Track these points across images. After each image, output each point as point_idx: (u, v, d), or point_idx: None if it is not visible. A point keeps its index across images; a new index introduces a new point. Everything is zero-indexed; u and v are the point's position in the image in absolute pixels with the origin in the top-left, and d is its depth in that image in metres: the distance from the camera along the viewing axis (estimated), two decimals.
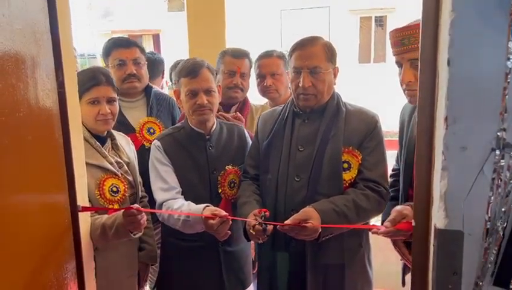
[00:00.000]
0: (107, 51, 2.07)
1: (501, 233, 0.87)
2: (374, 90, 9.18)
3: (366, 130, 1.57)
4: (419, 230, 1.02)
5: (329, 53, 1.57)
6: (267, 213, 1.50)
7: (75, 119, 1.26)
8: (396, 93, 1.61)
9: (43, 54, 1.11)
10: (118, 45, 2.05)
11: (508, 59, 0.81)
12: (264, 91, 2.13)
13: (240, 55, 2.11)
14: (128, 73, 2.00)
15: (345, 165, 1.55)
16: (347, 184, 1.56)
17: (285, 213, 1.55)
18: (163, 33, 13.55)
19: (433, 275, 0.94)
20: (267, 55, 2.13)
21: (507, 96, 0.82)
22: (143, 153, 1.89)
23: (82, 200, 1.29)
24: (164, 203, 1.66)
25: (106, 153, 1.63)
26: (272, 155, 1.62)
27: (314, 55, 1.53)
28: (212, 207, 1.56)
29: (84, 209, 1.31)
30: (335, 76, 1.62)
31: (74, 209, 1.24)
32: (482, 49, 0.82)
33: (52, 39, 1.15)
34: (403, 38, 1.40)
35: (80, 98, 1.56)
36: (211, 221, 1.48)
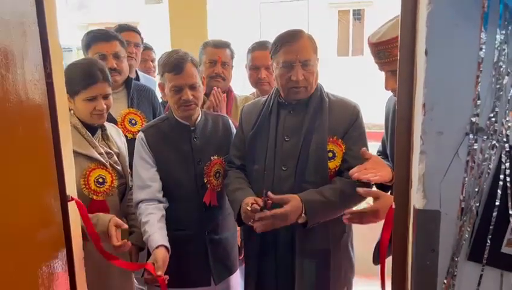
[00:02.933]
0: (87, 44, 2.05)
1: (475, 212, 0.93)
2: (352, 82, 9.32)
3: (349, 120, 1.63)
4: (399, 211, 1.08)
5: (314, 46, 1.62)
6: (269, 195, 1.52)
7: (63, 110, 1.27)
8: (375, 86, 1.68)
9: (31, 45, 1.12)
10: (98, 39, 2.03)
11: (481, 49, 0.87)
12: (257, 83, 2.17)
13: (220, 45, 2.15)
14: (109, 67, 2.00)
15: (330, 155, 1.61)
16: (332, 172, 1.62)
17: (273, 204, 1.58)
18: (141, 25, 13.40)
19: (412, 253, 1.00)
20: (261, 48, 2.15)
21: (480, 84, 0.88)
22: (126, 145, 1.91)
23: (71, 190, 1.30)
24: (139, 205, 1.69)
25: (96, 143, 1.64)
26: (258, 146, 1.66)
27: (304, 48, 1.56)
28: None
29: (74, 199, 1.32)
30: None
31: (64, 200, 1.26)
32: (457, 40, 0.88)
33: (39, 31, 1.16)
34: (379, 52, 1.43)
35: (76, 93, 1.57)
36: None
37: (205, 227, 1.74)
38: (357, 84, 8.92)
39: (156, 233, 1.59)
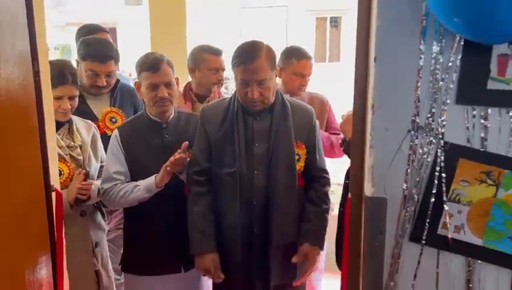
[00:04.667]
0: (83, 57, 2.09)
1: (416, 199, 1.08)
2: (329, 88, 9.52)
3: (310, 125, 1.76)
4: (354, 200, 1.21)
5: (271, 61, 1.67)
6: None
7: (49, 106, 1.36)
8: (351, 91, 1.79)
9: (21, 45, 1.21)
10: (94, 58, 2.06)
11: (420, 58, 1.01)
12: (299, 88, 2.33)
13: (218, 52, 2.28)
14: (99, 85, 2.08)
15: (296, 157, 1.71)
16: (298, 173, 1.72)
17: (246, 204, 1.69)
18: (120, 26, 13.32)
19: (363, 236, 1.14)
20: (307, 57, 2.31)
21: (419, 88, 1.03)
22: (105, 141, 1.99)
23: (54, 181, 1.39)
24: (105, 193, 1.79)
25: (58, 137, 1.74)
26: (227, 150, 1.71)
27: (260, 69, 1.62)
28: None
29: (55, 190, 1.41)
30: (277, 76, 1.75)
31: (48, 189, 1.35)
32: (401, 50, 1.02)
33: (28, 31, 1.25)
34: None
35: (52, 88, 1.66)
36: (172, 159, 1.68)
37: (179, 218, 1.82)
38: (333, 89, 9.13)
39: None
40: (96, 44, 2.11)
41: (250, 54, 1.64)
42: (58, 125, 1.76)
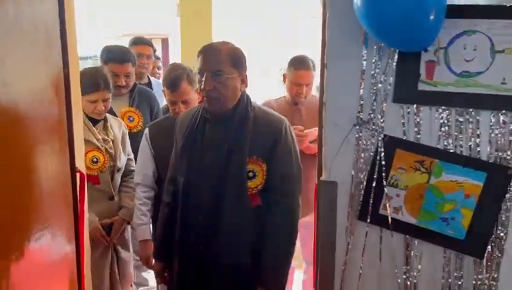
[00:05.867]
0: (105, 61, 2.45)
1: (361, 183, 1.26)
2: None
3: (273, 139, 1.59)
4: (319, 185, 1.40)
5: (235, 59, 1.60)
6: None
7: (76, 103, 1.67)
8: None
9: (55, 54, 1.53)
10: (114, 60, 2.40)
11: (362, 63, 1.21)
12: (297, 96, 2.47)
13: None
14: (119, 84, 2.41)
15: (250, 174, 1.57)
16: (253, 192, 1.58)
17: (194, 214, 1.63)
18: (171, 36, 14.04)
19: (319, 214, 1.33)
20: (304, 68, 2.40)
21: (362, 88, 1.22)
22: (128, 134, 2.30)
23: (79, 164, 1.69)
24: (136, 188, 2.02)
25: (95, 131, 2.07)
26: (185, 158, 1.67)
27: (216, 59, 1.57)
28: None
29: (79, 171, 1.72)
30: (243, 82, 1.63)
31: (73, 170, 1.66)
32: (347, 56, 1.22)
33: (61, 40, 1.56)
34: None
35: (83, 94, 2.00)
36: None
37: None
38: None
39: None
40: (116, 49, 2.48)
41: (211, 45, 1.65)
42: (95, 122, 2.10)
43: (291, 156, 1.62)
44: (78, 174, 1.67)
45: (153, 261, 1.90)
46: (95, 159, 2.02)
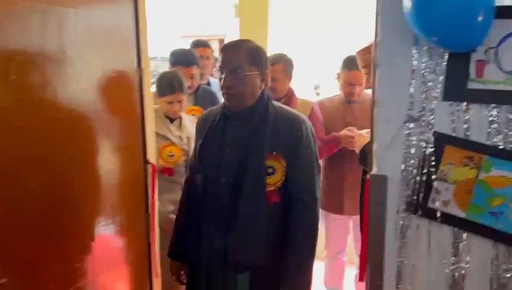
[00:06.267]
0: (173, 63, 2.72)
1: (411, 177, 1.32)
2: None
3: (293, 137, 1.61)
4: (370, 179, 1.48)
5: (255, 56, 1.62)
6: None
7: (148, 100, 1.86)
8: None
9: (131, 55, 1.72)
10: (181, 63, 2.66)
11: (413, 63, 1.27)
12: (350, 95, 2.61)
13: (272, 62, 2.53)
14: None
15: (270, 170, 1.59)
16: (272, 188, 1.60)
17: (213, 211, 1.66)
18: (228, 37, 14.38)
19: (369, 207, 1.40)
20: (357, 68, 2.45)
21: (412, 87, 1.28)
22: None
23: (150, 156, 1.89)
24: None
25: (172, 128, 2.30)
26: (205, 156, 1.69)
27: (236, 57, 1.59)
28: None
29: (151, 163, 1.91)
30: (263, 80, 1.65)
31: (145, 162, 1.85)
32: (397, 56, 1.29)
33: (136, 44, 1.75)
34: None
35: (161, 96, 2.27)
36: None
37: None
38: None
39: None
40: (182, 53, 2.73)
41: (231, 44, 1.69)
42: (172, 120, 2.35)
43: (311, 154, 1.65)
44: (150, 166, 1.87)
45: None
46: (171, 154, 2.26)
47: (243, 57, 1.59)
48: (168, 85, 2.26)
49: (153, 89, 2.26)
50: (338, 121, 2.62)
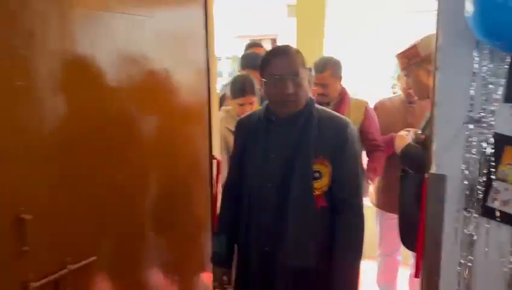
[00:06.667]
0: (242, 66, 2.87)
1: (471, 177, 1.36)
2: None
3: (338, 140, 1.59)
4: (429, 178, 1.52)
5: (303, 60, 1.61)
6: None
7: (215, 99, 2.00)
8: None
9: (200, 55, 1.87)
10: (250, 66, 2.74)
11: (474, 65, 1.31)
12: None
13: (319, 70, 2.60)
14: None
15: (316, 175, 1.57)
16: (318, 192, 1.57)
17: (258, 216, 1.63)
18: (280, 36, 14.48)
19: (428, 205, 1.45)
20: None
21: (473, 89, 1.32)
22: None
23: (215, 152, 2.03)
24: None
25: None
26: (247, 161, 1.67)
27: (292, 62, 1.57)
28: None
29: (216, 158, 2.05)
30: (309, 82, 1.65)
31: (211, 156, 1.99)
32: (458, 59, 1.33)
33: (205, 45, 1.89)
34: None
35: (233, 98, 2.41)
36: None
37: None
38: None
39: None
40: (251, 56, 2.84)
41: (280, 50, 1.65)
42: None
43: (356, 156, 1.64)
44: (215, 161, 2.01)
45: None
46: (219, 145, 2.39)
47: (296, 61, 1.58)
48: (240, 88, 2.40)
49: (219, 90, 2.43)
50: (398, 122, 2.61)
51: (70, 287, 1.29)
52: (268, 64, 1.60)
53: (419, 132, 2.08)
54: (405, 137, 2.06)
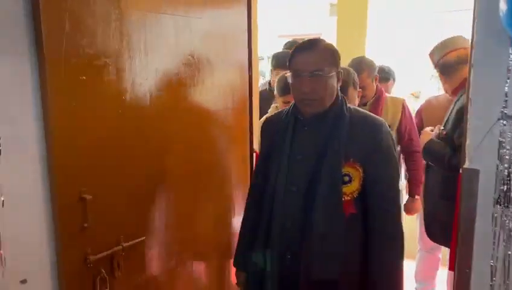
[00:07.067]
0: (274, 66, 2.86)
1: (504, 171, 1.38)
2: None
3: (372, 142, 1.49)
4: (462, 173, 1.54)
5: (333, 56, 1.51)
6: None
7: (255, 97, 2.11)
8: None
9: (242, 54, 1.97)
10: (280, 67, 2.71)
11: (509, 62, 1.33)
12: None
13: (358, 72, 2.54)
14: None
15: (346, 179, 1.46)
16: (348, 198, 1.47)
17: (281, 221, 1.52)
18: (323, 35, 14.45)
19: (462, 199, 1.48)
20: None
21: (507, 86, 1.34)
22: None
23: (256, 146, 2.13)
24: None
25: None
26: (273, 162, 1.56)
27: (316, 58, 1.47)
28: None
29: (256, 152, 2.16)
30: (339, 80, 1.54)
31: (251, 150, 2.10)
32: (493, 57, 1.35)
33: (248, 44, 2.00)
34: None
35: (279, 96, 2.46)
36: None
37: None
38: None
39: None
40: (280, 56, 2.87)
41: (305, 44, 1.53)
42: None
43: (391, 159, 1.53)
44: (254, 155, 2.12)
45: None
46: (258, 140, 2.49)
47: (323, 57, 1.48)
48: (285, 86, 2.46)
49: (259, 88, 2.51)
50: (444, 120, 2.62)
51: (122, 262, 1.44)
52: (292, 58, 1.52)
53: (442, 128, 2.10)
54: (429, 133, 2.09)
